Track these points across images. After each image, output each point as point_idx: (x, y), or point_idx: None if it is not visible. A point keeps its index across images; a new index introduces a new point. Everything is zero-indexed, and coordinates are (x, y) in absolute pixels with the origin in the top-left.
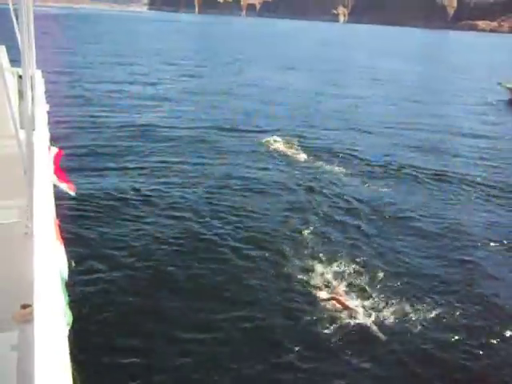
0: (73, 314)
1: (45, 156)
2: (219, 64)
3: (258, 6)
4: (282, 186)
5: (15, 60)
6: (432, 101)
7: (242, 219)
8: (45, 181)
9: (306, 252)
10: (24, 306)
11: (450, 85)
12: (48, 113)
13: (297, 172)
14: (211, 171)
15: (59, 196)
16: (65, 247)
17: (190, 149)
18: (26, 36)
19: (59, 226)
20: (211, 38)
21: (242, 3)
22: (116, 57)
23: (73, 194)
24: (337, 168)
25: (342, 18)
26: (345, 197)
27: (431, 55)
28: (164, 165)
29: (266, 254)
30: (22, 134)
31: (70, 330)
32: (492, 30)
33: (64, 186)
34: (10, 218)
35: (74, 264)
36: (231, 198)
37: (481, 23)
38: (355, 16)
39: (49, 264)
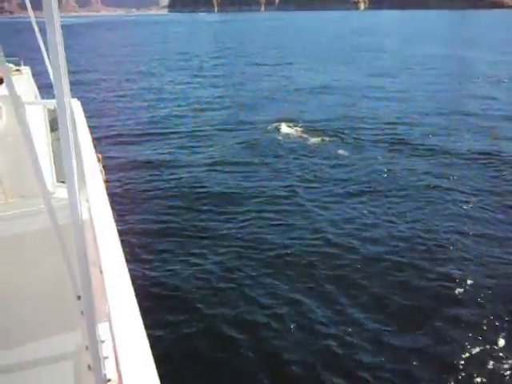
0: None
1: (109, 233)
2: (251, 63)
3: (276, 0)
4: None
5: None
6: (475, 85)
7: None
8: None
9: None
10: None
11: (490, 66)
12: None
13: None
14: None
15: None
16: None
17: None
18: (57, 60)
19: None
20: (238, 35)
21: None
22: (145, 65)
23: None
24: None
25: (362, 6)
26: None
27: (462, 37)
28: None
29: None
30: (60, 192)
31: None
32: None
33: None
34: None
35: None
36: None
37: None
38: (375, 3)
39: None
